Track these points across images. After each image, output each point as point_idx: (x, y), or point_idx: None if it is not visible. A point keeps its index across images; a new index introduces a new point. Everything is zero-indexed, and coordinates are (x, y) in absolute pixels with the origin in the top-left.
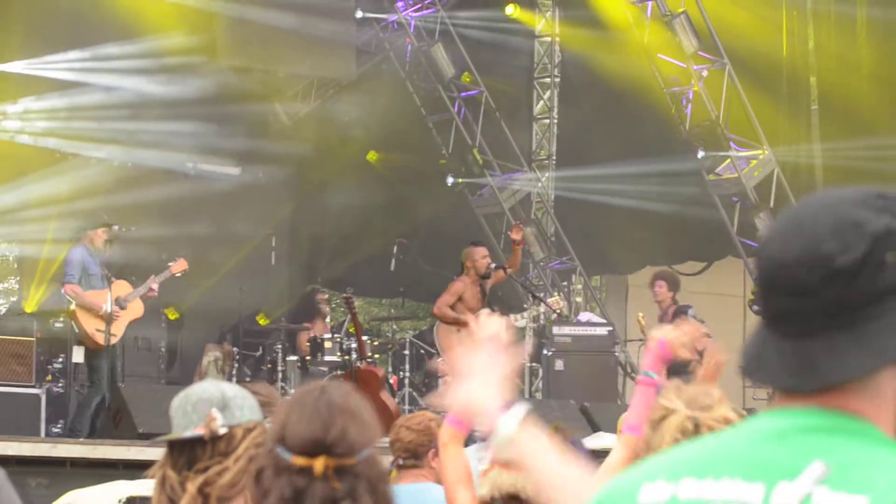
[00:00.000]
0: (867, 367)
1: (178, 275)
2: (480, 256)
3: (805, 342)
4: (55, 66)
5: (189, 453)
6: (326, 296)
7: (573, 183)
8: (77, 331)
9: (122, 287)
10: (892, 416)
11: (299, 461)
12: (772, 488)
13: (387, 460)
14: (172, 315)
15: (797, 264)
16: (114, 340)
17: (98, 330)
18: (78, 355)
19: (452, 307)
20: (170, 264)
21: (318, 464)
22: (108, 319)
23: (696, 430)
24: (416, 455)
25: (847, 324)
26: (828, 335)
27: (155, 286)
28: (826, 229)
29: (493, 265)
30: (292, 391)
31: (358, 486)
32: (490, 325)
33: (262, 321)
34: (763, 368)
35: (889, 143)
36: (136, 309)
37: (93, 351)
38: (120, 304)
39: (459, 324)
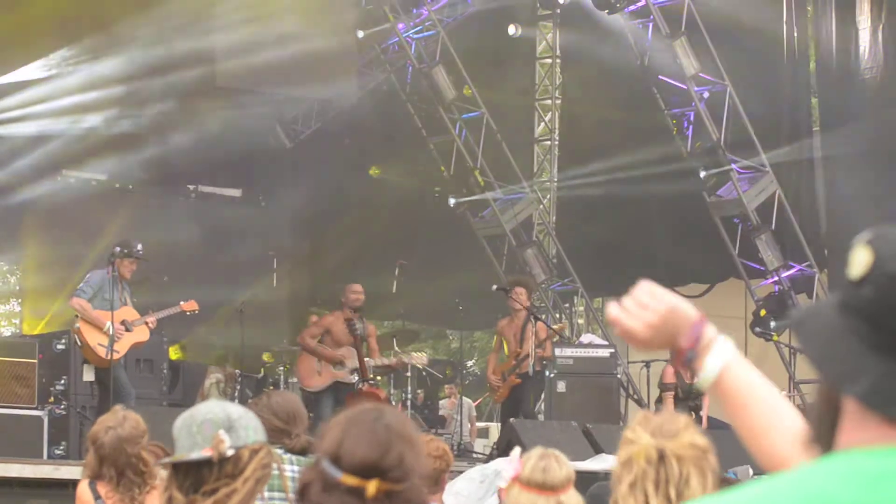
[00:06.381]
0: None
1: (188, 313)
2: (352, 292)
3: None
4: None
5: (195, 475)
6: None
7: (575, 190)
8: (80, 345)
9: (128, 313)
10: None
11: (350, 481)
12: None
13: None
14: (174, 354)
15: None
16: (116, 356)
17: (100, 344)
18: (88, 374)
19: (321, 340)
20: (181, 302)
21: (372, 486)
22: (111, 337)
23: (662, 459)
24: (437, 481)
25: None
26: None
27: (153, 318)
28: None
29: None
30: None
31: None
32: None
33: (268, 359)
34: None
35: None
36: (141, 333)
37: (102, 369)
38: (126, 326)
39: (317, 355)
